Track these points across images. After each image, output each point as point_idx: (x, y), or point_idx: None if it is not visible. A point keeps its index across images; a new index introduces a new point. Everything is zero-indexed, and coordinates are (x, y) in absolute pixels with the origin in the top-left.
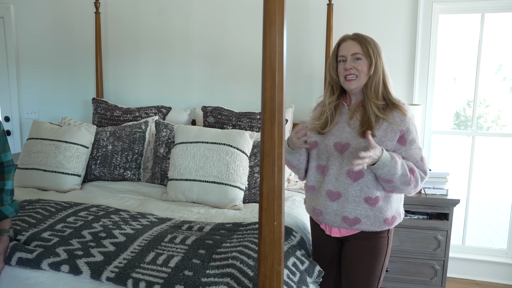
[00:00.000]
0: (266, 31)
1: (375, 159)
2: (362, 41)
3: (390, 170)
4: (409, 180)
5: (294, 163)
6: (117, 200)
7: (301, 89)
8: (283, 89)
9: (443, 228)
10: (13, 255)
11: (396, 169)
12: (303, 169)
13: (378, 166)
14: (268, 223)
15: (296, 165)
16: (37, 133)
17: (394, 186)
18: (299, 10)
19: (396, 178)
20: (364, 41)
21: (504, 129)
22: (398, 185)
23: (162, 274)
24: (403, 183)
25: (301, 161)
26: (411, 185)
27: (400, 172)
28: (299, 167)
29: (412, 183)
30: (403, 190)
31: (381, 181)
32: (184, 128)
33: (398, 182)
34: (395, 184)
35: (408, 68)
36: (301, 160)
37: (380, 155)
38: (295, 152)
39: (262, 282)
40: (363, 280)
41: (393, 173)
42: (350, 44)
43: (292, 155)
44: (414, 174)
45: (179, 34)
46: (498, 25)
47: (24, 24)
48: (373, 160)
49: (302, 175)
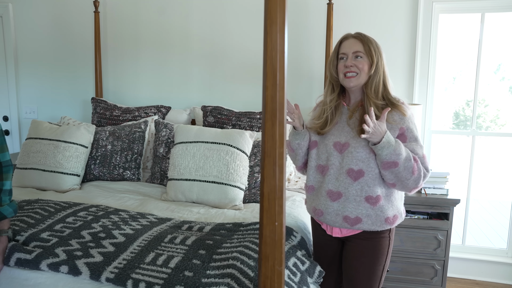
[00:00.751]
0: (267, 29)
1: (379, 136)
2: (364, 40)
3: (395, 149)
4: (412, 167)
5: (293, 145)
6: (117, 200)
7: (301, 89)
8: (284, 88)
9: (443, 228)
10: (12, 255)
11: (401, 149)
12: (301, 156)
13: (383, 145)
14: (269, 224)
15: (295, 148)
16: (36, 132)
17: (398, 172)
18: (299, 10)
19: (401, 161)
20: (366, 40)
21: (503, 129)
22: (402, 170)
23: (162, 275)
24: (406, 169)
25: (301, 146)
26: (414, 174)
27: (405, 154)
28: (297, 152)
29: (415, 172)
30: (406, 180)
31: (385, 166)
32: (183, 128)
33: (402, 166)
34: (400, 169)
35: (408, 67)
36: (301, 145)
37: (383, 135)
38: (296, 134)
39: (263, 283)
40: (364, 281)
41: (398, 153)
42: (352, 42)
43: (293, 136)
44: (417, 163)
45: (178, 33)
46: (497, 25)
47: (23, 23)
48: (377, 136)
49: (299, 163)
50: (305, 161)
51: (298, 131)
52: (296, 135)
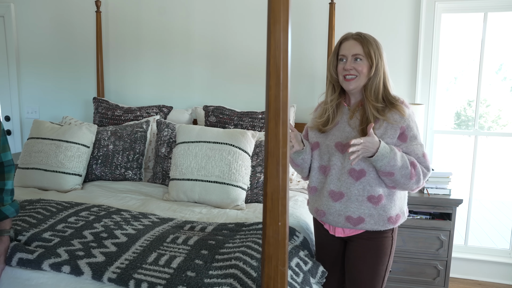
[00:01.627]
0: (271, 29)
1: (372, 150)
2: (364, 41)
3: (389, 161)
4: (409, 173)
5: (298, 162)
6: (119, 200)
7: (303, 88)
8: (287, 87)
9: (446, 228)
10: (14, 255)
11: (396, 160)
12: (307, 168)
13: (377, 158)
14: (273, 224)
15: (300, 164)
16: (38, 132)
17: (395, 179)
18: (301, 10)
19: (397, 170)
20: (366, 41)
21: (505, 129)
22: (399, 178)
23: (165, 275)
24: (404, 176)
25: (305, 160)
26: (412, 179)
27: (400, 164)
28: (303, 166)
29: (413, 177)
30: (405, 184)
31: (382, 175)
32: (185, 128)
33: (398, 174)
34: (396, 177)
35: (410, 67)
36: (305, 159)
37: (377, 147)
38: (300, 151)
39: (266, 283)
40: (367, 281)
41: (393, 164)
42: (352, 44)
43: (296, 154)
44: (415, 168)
45: (180, 33)
46: (499, 25)
47: (25, 23)
48: (369, 151)
49: (305, 175)
50: (310, 169)
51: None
52: (298, 153)
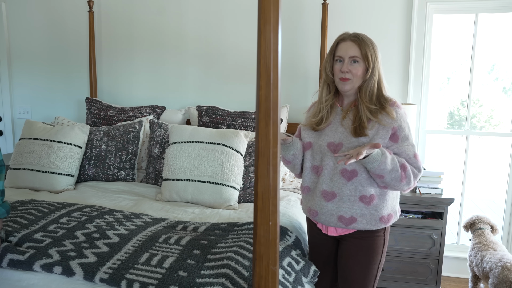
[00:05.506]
0: (261, 29)
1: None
2: (362, 44)
3: (380, 165)
4: (399, 176)
5: (289, 158)
6: (111, 200)
7: (296, 89)
8: (278, 87)
9: (438, 227)
10: (5, 256)
11: (386, 164)
12: (298, 164)
13: (368, 161)
14: (263, 223)
15: (291, 159)
16: (30, 133)
17: (385, 181)
18: (294, 10)
19: (386, 173)
20: (363, 44)
21: (497, 129)
22: (389, 180)
23: (157, 275)
24: (393, 179)
25: (296, 155)
26: (403, 181)
27: (390, 167)
28: (295, 162)
29: (403, 180)
30: (396, 186)
31: (372, 175)
32: (178, 128)
33: (388, 177)
34: (386, 180)
35: (402, 67)
36: (296, 155)
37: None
38: (289, 146)
39: (257, 283)
40: (360, 280)
41: (383, 168)
42: (349, 45)
43: (286, 151)
44: (405, 171)
45: (173, 33)
46: (491, 26)
47: (16, 22)
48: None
49: (297, 171)
50: (303, 166)
51: (288, 144)
52: (288, 147)
